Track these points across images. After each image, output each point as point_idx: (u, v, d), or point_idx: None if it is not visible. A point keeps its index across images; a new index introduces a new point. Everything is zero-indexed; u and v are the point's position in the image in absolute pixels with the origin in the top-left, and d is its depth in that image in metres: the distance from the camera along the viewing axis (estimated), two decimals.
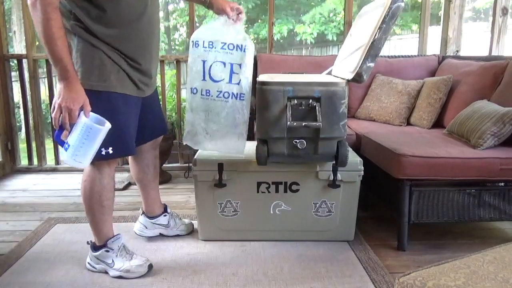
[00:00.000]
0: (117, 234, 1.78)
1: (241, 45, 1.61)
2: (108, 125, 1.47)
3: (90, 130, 1.43)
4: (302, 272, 1.80)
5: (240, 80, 1.72)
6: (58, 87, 1.45)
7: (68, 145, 1.44)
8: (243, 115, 1.79)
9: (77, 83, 1.45)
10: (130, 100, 1.64)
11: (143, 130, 1.79)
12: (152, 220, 2.06)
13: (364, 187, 2.10)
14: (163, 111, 3.25)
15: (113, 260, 1.74)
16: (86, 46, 1.51)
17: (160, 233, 2.08)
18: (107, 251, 1.74)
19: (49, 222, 2.31)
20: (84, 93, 1.46)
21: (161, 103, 3.27)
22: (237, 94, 1.74)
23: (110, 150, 1.57)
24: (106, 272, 1.76)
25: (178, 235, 2.09)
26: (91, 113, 1.47)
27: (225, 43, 1.62)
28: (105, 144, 1.52)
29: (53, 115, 1.45)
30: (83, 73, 1.51)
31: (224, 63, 1.67)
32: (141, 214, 2.09)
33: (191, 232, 2.14)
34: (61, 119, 1.44)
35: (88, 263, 1.80)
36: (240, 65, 1.64)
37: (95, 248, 1.77)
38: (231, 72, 1.67)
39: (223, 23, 1.65)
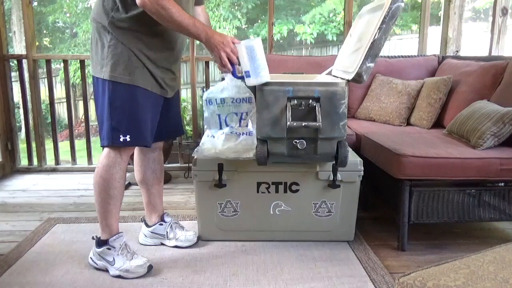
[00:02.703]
0: (120, 232, 1.79)
1: (247, 98, 1.87)
2: (257, 38, 1.70)
3: (251, 48, 1.66)
4: (302, 272, 1.80)
5: (248, 122, 1.93)
6: (209, 46, 1.65)
7: (248, 71, 1.69)
8: (252, 144, 1.91)
9: (213, 30, 1.66)
10: (152, 96, 1.72)
11: (158, 129, 1.83)
12: (149, 229, 2.02)
13: (364, 187, 2.10)
14: None
15: (114, 259, 1.75)
16: (117, 44, 1.63)
17: (161, 243, 2.02)
18: (109, 248, 1.75)
19: (49, 222, 2.31)
20: (221, 33, 1.68)
21: None
22: (247, 132, 1.94)
23: (128, 138, 1.66)
24: (107, 270, 1.76)
25: (177, 246, 2.00)
26: (244, 41, 1.68)
27: (234, 99, 1.88)
28: (123, 131, 1.65)
29: (224, 62, 1.66)
30: (111, 66, 1.62)
31: (236, 113, 1.92)
32: (142, 222, 2.07)
33: (193, 244, 2.01)
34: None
35: (91, 258, 1.81)
36: (247, 112, 1.91)
37: (99, 244, 1.78)
38: (241, 119, 1.92)
39: (227, 82, 1.88)
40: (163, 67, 1.73)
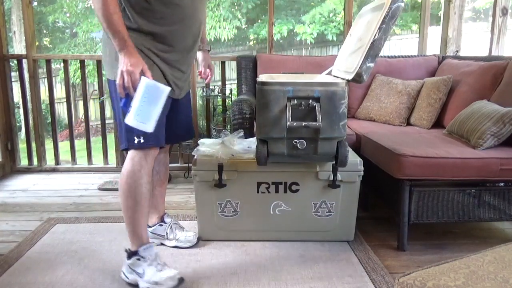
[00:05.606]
0: (150, 242, 1.71)
1: None
2: (168, 88, 1.53)
3: (149, 89, 1.48)
4: (302, 272, 1.80)
5: None
6: (119, 58, 1.52)
7: (131, 107, 1.50)
8: None
9: (134, 50, 1.53)
10: None
11: (168, 131, 1.77)
12: (149, 229, 2.00)
13: (364, 187, 2.10)
14: None
15: (144, 270, 1.66)
16: None
17: (161, 243, 2.01)
18: (139, 259, 1.67)
19: (49, 222, 2.31)
20: (142, 59, 1.53)
21: None
22: None
23: (142, 139, 1.61)
24: (137, 285, 1.67)
25: (177, 247, 1.99)
26: (153, 80, 1.53)
27: None
28: (137, 133, 1.58)
29: (118, 82, 1.51)
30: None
31: None
32: None
33: (194, 245, 2.01)
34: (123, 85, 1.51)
35: (123, 272, 1.72)
36: None
37: (129, 255, 1.69)
38: None
39: (220, 142, 1.96)
40: (174, 66, 1.69)
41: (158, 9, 1.58)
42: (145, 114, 1.49)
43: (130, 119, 1.48)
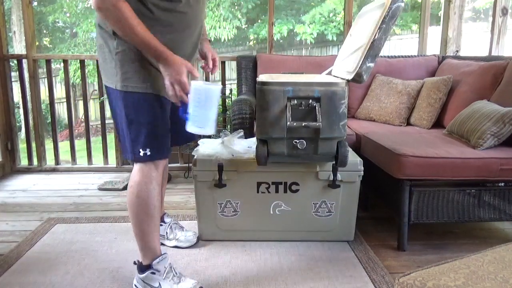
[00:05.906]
0: (163, 254, 1.63)
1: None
2: (219, 86, 1.49)
3: (199, 93, 1.44)
4: (302, 272, 1.80)
5: None
6: (161, 69, 1.45)
7: (189, 114, 1.46)
8: None
9: (172, 56, 1.44)
10: (164, 102, 1.57)
11: (175, 134, 1.71)
12: None
13: (364, 187, 2.10)
14: None
15: (160, 284, 1.60)
16: (125, 50, 1.48)
17: (161, 243, 1.96)
18: (153, 273, 1.60)
19: (49, 222, 2.31)
20: (184, 61, 1.45)
21: None
22: None
23: (148, 152, 1.53)
24: None
25: (177, 247, 1.99)
26: (202, 83, 1.47)
27: None
28: (143, 146, 1.52)
29: (169, 93, 1.45)
30: (122, 75, 1.49)
31: None
32: None
33: (194, 244, 2.01)
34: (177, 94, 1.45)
35: (135, 285, 1.65)
36: None
37: (141, 269, 1.62)
38: None
39: (220, 142, 1.99)
40: None
41: (161, 18, 1.48)
42: (201, 118, 1.46)
43: (189, 126, 1.47)
